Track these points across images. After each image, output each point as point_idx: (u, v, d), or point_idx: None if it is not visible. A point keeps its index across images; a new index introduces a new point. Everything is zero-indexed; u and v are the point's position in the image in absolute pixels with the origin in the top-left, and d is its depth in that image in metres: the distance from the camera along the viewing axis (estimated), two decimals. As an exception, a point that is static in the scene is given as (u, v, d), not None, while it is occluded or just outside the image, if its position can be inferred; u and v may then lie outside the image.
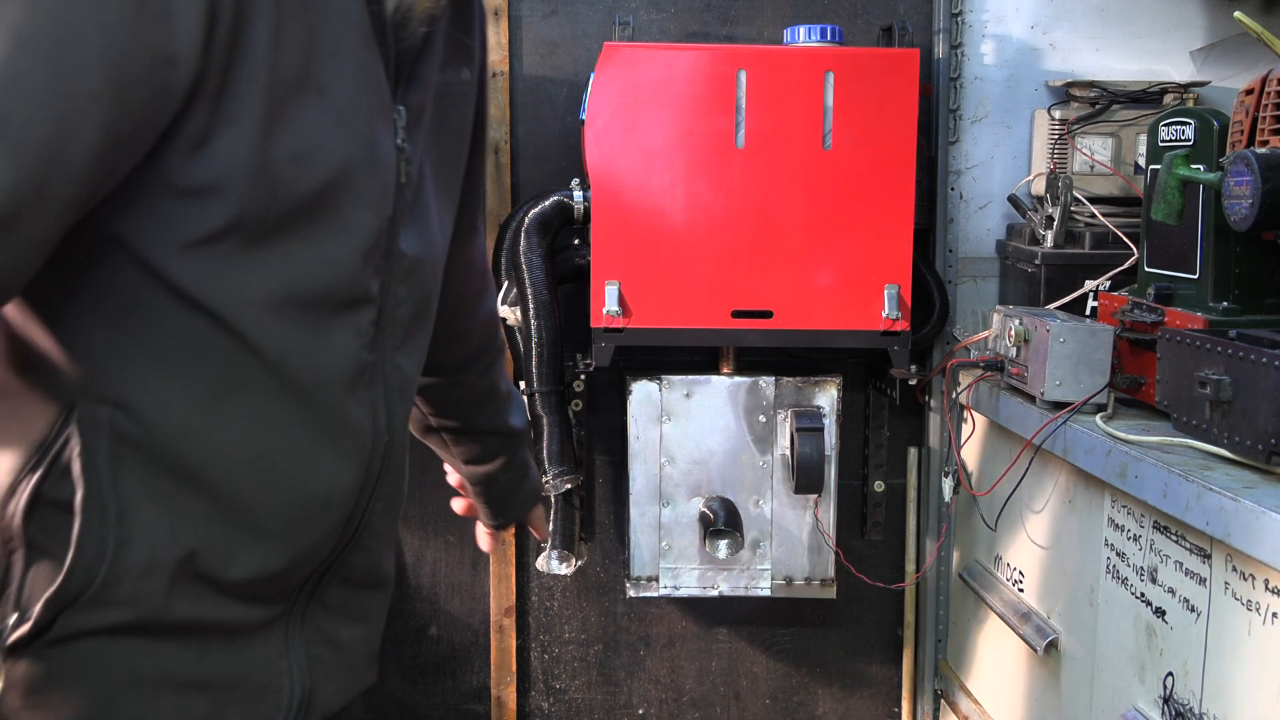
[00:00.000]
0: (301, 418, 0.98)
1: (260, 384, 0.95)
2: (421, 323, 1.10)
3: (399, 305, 1.04)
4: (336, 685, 1.11)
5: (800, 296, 2.10)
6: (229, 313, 0.91)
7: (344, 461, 1.02)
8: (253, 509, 0.97)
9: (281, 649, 1.05)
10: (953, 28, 2.34)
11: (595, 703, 2.54)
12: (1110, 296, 1.93)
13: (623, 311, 2.08)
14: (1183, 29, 2.36)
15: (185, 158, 0.85)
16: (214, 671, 1.00)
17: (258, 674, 1.03)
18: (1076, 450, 1.73)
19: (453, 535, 2.45)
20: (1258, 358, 1.39)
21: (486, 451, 1.45)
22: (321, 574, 1.06)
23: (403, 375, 1.07)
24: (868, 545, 2.49)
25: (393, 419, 1.06)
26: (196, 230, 0.88)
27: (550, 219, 2.18)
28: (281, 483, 0.98)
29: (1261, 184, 1.49)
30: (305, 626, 1.07)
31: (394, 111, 0.99)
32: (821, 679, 2.56)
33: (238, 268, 0.90)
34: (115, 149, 0.81)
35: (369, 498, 1.06)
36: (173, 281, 0.89)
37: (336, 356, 0.98)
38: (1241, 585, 1.35)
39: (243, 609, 1.00)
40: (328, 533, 1.03)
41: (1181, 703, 1.47)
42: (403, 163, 1.00)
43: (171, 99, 0.82)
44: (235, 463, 0.95)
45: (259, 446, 0.96)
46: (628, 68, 2.06)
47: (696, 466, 2.21)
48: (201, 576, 0.96)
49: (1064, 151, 2.24)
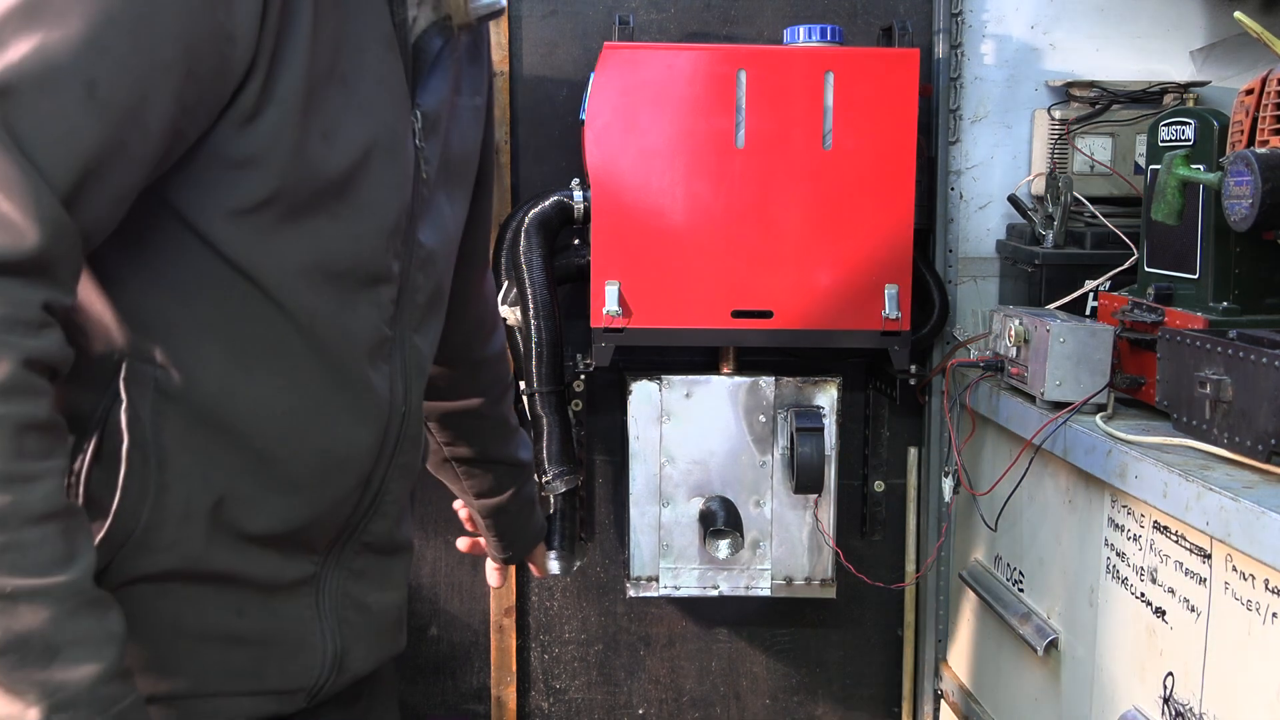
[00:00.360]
0: (327, 381, 1.07)
1: (292, 348, 1.04)
2: (435, 310, 1.20)
3: (417, 290, 1.14)
4: (366, 648, 1.19)
5: (800, 296, 2.10)
6: (268, 279, 1.01)
7: (363, 425, 1.11)
8: (280, 462, 1.06)
9: (314, 611, 1.13)
10: (953, 28, 2.34)
11: (595, 703, 2.54)
12: (1110, 296, 1.93)
13: (623, 311, 2.08)
14: (1183, 29, 2.36)
15: (236, 131, 0.96)
16: (253, 627, 1.08)
17: (293, 632, 1.11)
18: (1076, 450, 1.73)
19: (453, 535, 2.44)
20: (1258, 358, 1.39)
21: (498, 483, 1.56)
22: (347, 538, 1.15)
23: (419, 354, 1.17)
24: (868, 545, 2.49)
25: (409, 392, 1.16)
26: (241, 199, 0.98)
27: (550, 219, 2.18)
28: (306, 439, 1.07)
29: (1261, 184, 1.49)
30: (335, 591, 1.15)
31: (412, 113, 1.10)
32: (821, 679, 2.56)
33: (277, 237, 1.00)
34: (185, 116, 0.92)
35: (387, 463, 1.15)
36: (220, 247, 0.99)
37: (360, 327, 1.08)
38: (1241, 585, 1.35)
39: (275, 564, 1.08)
40: (348, 490, 1.12)
41: (1181, 703, 1.47)
42: (421, 160, 1.11)
43: (232, 75, 0.94)
44: (266, 419, 1.04)
45: (288, 405, 1.05)
46: (628, 68, 2.06)
47: (696, 466, 2.21)
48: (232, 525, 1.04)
49: (1064, 151, 2.24)
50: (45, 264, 0.87)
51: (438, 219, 1.17)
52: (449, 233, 1.21)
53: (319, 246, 1.03)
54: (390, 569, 1.22)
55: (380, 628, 1.21)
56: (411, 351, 1.16)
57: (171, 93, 0.90)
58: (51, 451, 0.89)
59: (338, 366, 1.08)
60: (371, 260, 1.08)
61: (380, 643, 1.22)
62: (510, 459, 1.56)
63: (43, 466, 0.87)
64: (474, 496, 1.58)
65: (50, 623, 0.86)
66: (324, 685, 1.15)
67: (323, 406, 1.07)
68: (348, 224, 1.05)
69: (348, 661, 1.17)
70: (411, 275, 1.13)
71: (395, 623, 1.25)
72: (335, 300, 1.06)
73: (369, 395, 1.11)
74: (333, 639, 1.15)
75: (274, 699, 1.11)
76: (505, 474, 1.56)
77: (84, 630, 0.88)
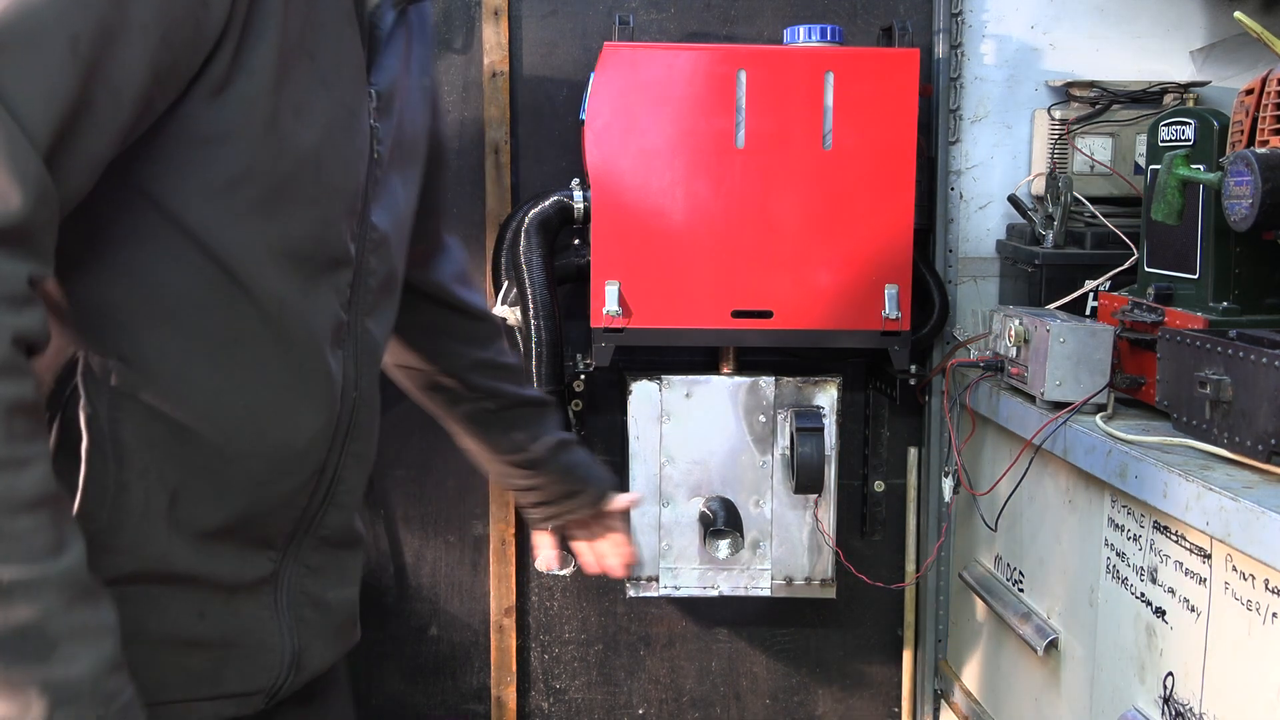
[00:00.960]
0: (289, 371, 1.04)
1: (257, 337, 1.01)
2: (388, 294, 1.18)
3: (370, 274, 1.11)
4: (324, 645, 1.16)
5: (800, 296, 2.10)
6: (238, 263, 0.98)
7: (319, 414, 1.08)
8: (239, 457, 1.03)
9: (272, 610, 1.10)
10: (953, 28, 2.34)
11: (595, 703, 2.54)
12: (1110, 296, 1.93)
13: (623, 311, 2.08)
14: (1183, 29, 2.36)
15: (204, 104, 0.93)
16: (213, 629, 1.05)
17: (253, 633, 1.09)
18: (1076, 450, 1.73)
19: (453, 535, 2.46)
20: (1258, 358, 1.39)
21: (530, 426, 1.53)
22: (304, 533, 1.12)
23: (372, 340, 1.15)
24: (868, 545, 2.49)
25: (360, 377, 1.13)
26: (213, 177, 0.95)
27: (550, 219, 2.18)
28: (266, 433, 1.04)
29: (1261, 184, 1.49)
30: (292, 589, 1.12)
31: (368, 91, 1.07)
32: (821, 679, 2.56)
33: (249, 219, 0.98)
34: (156, 84, 0.89)
35: (340, 451, 1.12)
36: (191, 229, 0.96)
37: (321, 313, 1.06)
38: (1241, 585, 1.35)
39: (234, 562, 1.06)
40: (303, 481, 1.09)
41: (1181, 703, 1.47)
42: (374, 140, 1.09)
43: (204, 41, 0.91)
44: (227, 413, 1.01)
45: (249, 398, 1.02)
46: (628, 68, 2.06)
47: (696, 466, 2.21)
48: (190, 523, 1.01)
49: (1064, 151, 2.24)
50: (29, 232, 0.83)
51: (390, 201, 1.14)
52: (401, 215, 1.18)
53: (288, 229, 1.00)
54: (345, 563, 1.20)
55: (337, 624, 1.19)
56: (364, 337, 1.13)
57: (146, 56, 0.87)
58: (36, 433, 0.85)
59: (300, 355, 1.05)
60: (333, 243, 1.05)
61: (337, 639, 1.20)
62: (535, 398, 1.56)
63: (31, 450, 0.84)
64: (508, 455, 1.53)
65: (47, 615, 0.83)
66: (282, 686, 1.13)
67: (283, 398, 1.05)
68: (315, 205, 1.02)
69: (305, 660, 1.14)
70: (366, 259, 1.10)
71: (351, 619, 1.23)
72: (300, 287, 1.03)
73: (327, 384, 1.08)
74: (291, 638, 1.12)
75: (232, 702, 1.08)
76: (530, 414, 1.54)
77: (81, 622, 0.85)
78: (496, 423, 1.51)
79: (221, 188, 0.96)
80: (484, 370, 1.50)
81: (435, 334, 1.46)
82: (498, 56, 2.32)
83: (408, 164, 1.20)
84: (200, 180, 0.95)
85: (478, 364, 1.49)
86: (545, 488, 1.56)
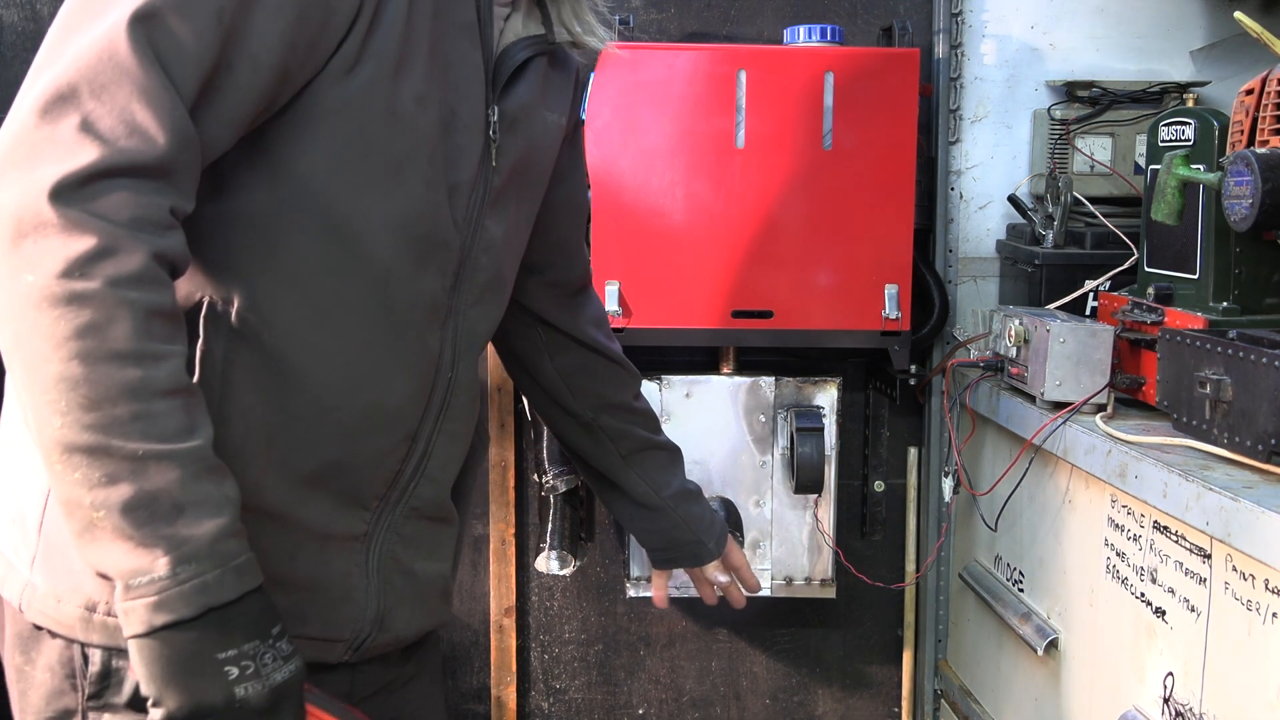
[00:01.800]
0: (390, 338, 1.15)
1: (365, 303, 1.12)
2: (494, 293, 1.28)
3: (478, 270, 1.23)
4: (410, 612, 1.24)
5: (800, 296, 2.10)
6: (354, 229, 1.10)
7: (414, 383, 1.18)
8: (335, 410, 1.13)
9: (363, 569, 1.19)
10: (953, 28, 2.34)
11: (595, 703, 2.54)
12: (1110, 296, 1.93)
13: (623, 311, 2.09)
14: (1183, 29, 2.36)
15: (336, 81, 1.05)
16: (302, 572, 1.14)
17: (340, 583, 1.17)
18: (1076, 450, 1.73)
19: (453, 535, 2.45)
20: (1258, 358, 1.39)
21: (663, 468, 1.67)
22: (397, 500, 1.21)
23: (473, 329, 1.25)
24: (868, 545, 2.49)
25: (458, 361, 1.23)
26: (338, 148, 1.07)
27: (550, 219, 2.18)
28: (362, 391, 1.14)
29: (1261, 184, 1.49)
30: (383, 552, 1.21)
31: (490, 106, 1.20)
32: (821, 679, 2.56)
33: (369, 190, 1.09)
34: (292, 56, 1.01)
35: (433, 424, 1.22)
36: (315, 193, 1.07)
37: (425, 290, 1.17)
38: (1241, 585, 1.35)
39: (326, 513, 1.15)
40: (394, 443, 1.18)
41: (1181, 703, 1.47)
42: (494, 150, 1.21)
43: (337, 25, 1.04)
44: (329, 369, 1.12)
45: (351, 357, 1.13)
46: (628, 68, 2.06)
47: (696, 466, 2.20)
48: (284, 464, 1.11)
49: (1064, 151, 2.24)
50: (172, 169, 0.95)
51: (504, 211, 1.25)
52: (512, 228, 1.29)
53: (403, 205, 1.12)
54: (438, 539, 1.27)
55: (424, 595, 1.26)
56: (465, 324, 1.23)
57: (281, 30, 1.00)
58: (174, 337, 0.97)
59: (401, 325, 1.15)
60: (442, 227, 1.16)
61: (425, 609, 1.27)
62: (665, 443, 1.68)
63: (168, 348, 0.95)
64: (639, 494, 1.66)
65: (177, 483, 0.93)
66: (365, 640, 1.20)
67: (382, 362, 1.14)
68: (428, 188, 1.13)
69: (389, 621, 1.22)
70: (474, 254, 1.21)
71: (441, 593, 1.30)
72: (408, 261, 1.14)
73: (423, 356, 1.18)
74: (378, 597, 1.20)
75: (313, 645, 1.16)
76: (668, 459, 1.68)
77: (205, 492, 0.95)
78: (625, 465, 1.64)
79: (345, 158, 1.07)
80: (618, 413, 1.62)
81: (573, 373, 1.58)
82: (498, 56, 2.31)
83: (527, 186, 1.32)
84: (326, 149, 1.06)
85: (612, 406, 1.61)
86: (664, 533, 1.69)
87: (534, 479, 2.31)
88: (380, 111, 1.08)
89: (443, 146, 1.15)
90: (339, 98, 1.06)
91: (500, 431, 2.38)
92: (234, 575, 0.95)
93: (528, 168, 1.30)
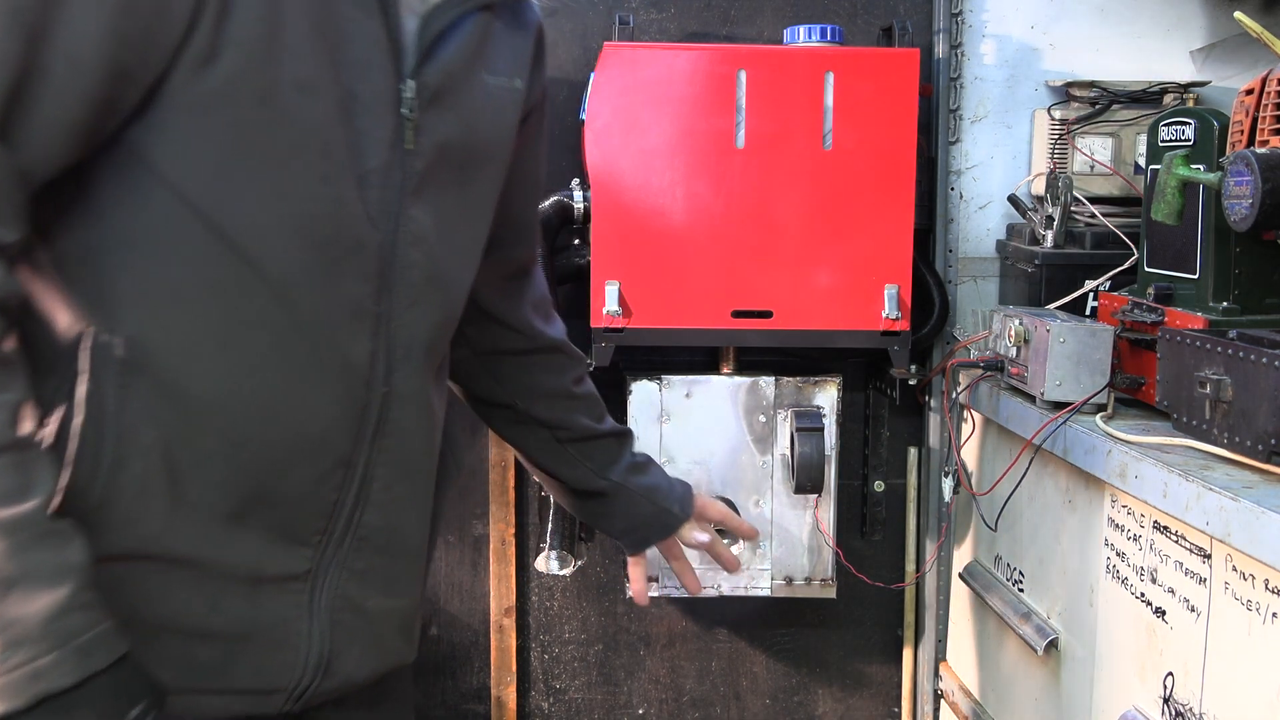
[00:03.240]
0: (303, 356, 1.02)
1: (268, 319, 1.00)
2: (435, 292, 1.13)
3: (409, 268, 1.08)
4: (362, 653, 1.13)
5: (800, 296, 2.10)
6: (244, 238, 0.97)
7: (338, 404, 1.06)
8: (249, 440, 1.01)
9: (304, 609, 1.08)
10: (953, 28, 2.33)
11: (595, 703, 2.54)
12: (1110, 296, 1.93)
13: (623, 311, 2.08)
14: (1183, 29, 2.36)
15: (194, 74, 0.93)
16: (226, 622, 1.03)
17: (273, 629, 1.06)
18: (1076, 450, 1.73)
19: (452, 535, 2.46)
20: (1258, 358, 1.39)
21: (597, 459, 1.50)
22: (343, 533, 1.09)
23: (410, 335, 1.11)
24: (868, 545, 2.49)
25: (393, 372, 1.09)
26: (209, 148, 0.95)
27: (550, 219, 2.18)
28: (279, 417, 1.02)
29: (1261, 184, 1.49)
30: (330, 590, 1.09)
31: (401, 80, 1.05)
32: (821, 679, 2.56)
33: (252, 192, 0.97)
34: (127, 51, 0.90)
35: (369, 447, 1.09)
36: (192, 200, 0.95)
37: (340, 299, 1.04)
38: (1241, 585, 1.35)
39: (253, 552, 1.03)
40: (323, 472, 1.06)
41: (1181, 703, 1.47)
42: (410, 131, 1.06)
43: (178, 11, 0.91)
44: (236, 395, 1.00)
45: (260, 381, 1.01)
46: (628, 68, 2.06)
47: (696, 466, 2.20)
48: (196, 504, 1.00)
49: (1064, 151, 2.24)
50: None
51: (435, 199, 1.11)
52: (452, 216, 1.14)
53: (302, 207, 0.99)
54: (395, 572, 1.16)
55: (378, 634, 1.15)
56: (400, 330, 1.10)
57: (103, 23, 0.88)
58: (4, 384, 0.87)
59: (315, 340, 1.03)
60: (349, 226, 1.03)
61: (379, 650, 1.16)
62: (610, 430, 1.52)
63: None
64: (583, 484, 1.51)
65: (3, 555, 0.83)
66: (307, 688, 1.10)
67: (297, 384, 1.03)
68: (331, 184, 1.01)
69: (337, 665, 1.11)
70: (401, 250, 1.08)
71: (398, 630, 1.18)
72: (316, 268, 1.01)
73: (347, 372, 1.06)
74: (320, 640, 1.09)
75: (244, 699, 1.06)
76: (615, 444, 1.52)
77: (38, 562, 0.85)
78: (565, 454, 1.49)
79: (220, 161, 0.96)
80: (554, 401, 1.47)
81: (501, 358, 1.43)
82: (498, 56, 2.31)
83: (471, 164, 1.16)
84: (198, 152, 0.95)
85: (548, 393, 1.46)
86: (624, 514, 1.54)
87: (534, 479, 2.31)
88: (253, 104, 0.95)
89: (342, 134, 1.01)
90: (201, 94, 0.94)
91: (500, 431, 2.38)
92: (75, 656, 0.85)
93: (467, 144, 1.14)
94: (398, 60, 1.05)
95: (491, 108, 1.17)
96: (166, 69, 0.92)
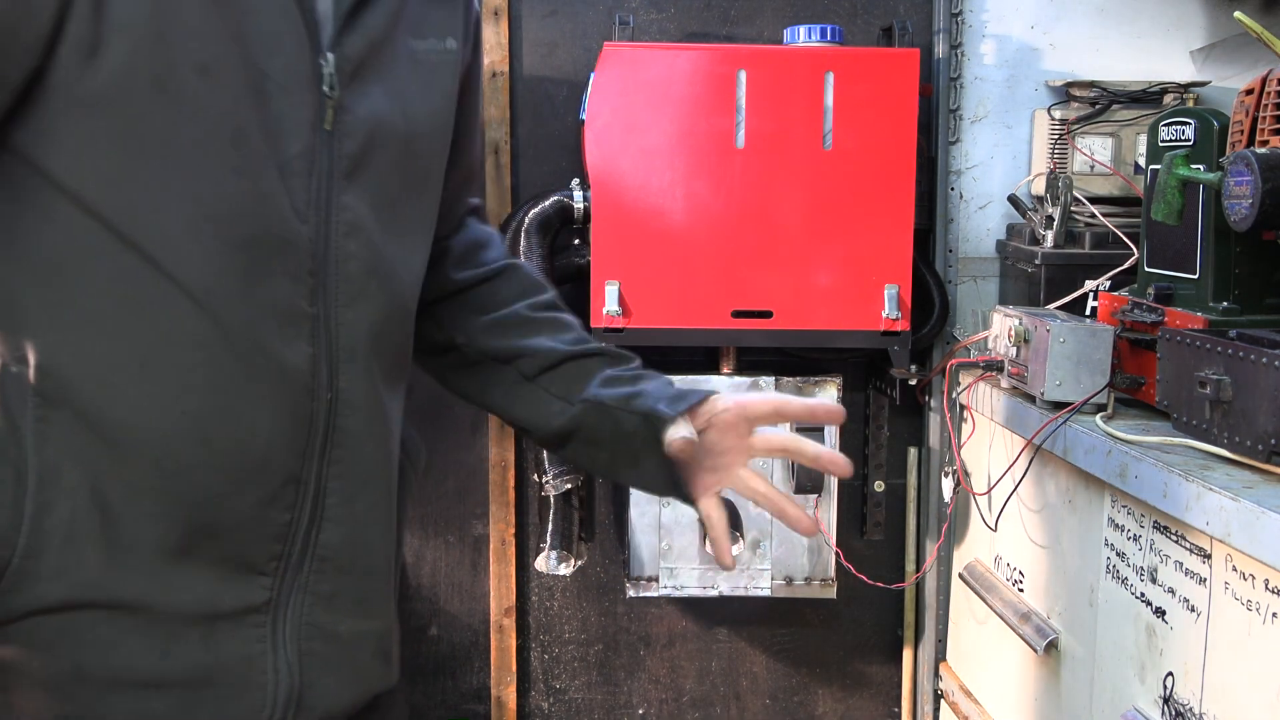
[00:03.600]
0: (232, 369, 0.93)
1: (190, 332, 0.91)
2: (377, 284, 1.02)
3: (346, 260, 0.98)
4: (337, 682, 1.04)
5: (800, 296, 2.10)
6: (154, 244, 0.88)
7: (280, 416, 0.96)
8: (185, 469, 0.92)
9: (266, 643, 0.99)
10: (953, 28, 2.34)
11: (595, 703, 2.54)
12: (1110, 296, 1.93)
13: (623, 311, 2.08)
14: (1183, 29, 2.36)
15: (79, 67, 0.84)
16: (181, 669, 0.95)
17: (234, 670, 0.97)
18: (1076, 450, 1.73)
19: (453, 535, 2.46)
20: (1258, 358, 1.39)
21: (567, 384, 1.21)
22: (300, 555, 1.00)
23: (352, 334, 1.00)
24: (868, 545, 2.49)
25: (337, 377, 0.99)
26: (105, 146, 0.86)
27: (550, 219, 2.18)
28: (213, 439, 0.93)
29: (1261, 184, 1.49)
30: (297, 619, 1.01)
31: (320, 54, 0.95)
32: (821, 679, 2.56)
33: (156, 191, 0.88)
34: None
35: (319, 460, 1.00)
36: (92, 206, 0.87)
37: (270, 302, 0.94)
38: (1241, 585, 1.35)
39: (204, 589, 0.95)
40: (271, 492, 0.97)
41: (1181, 703, 1.47)
42: (331, 109, 0.96)
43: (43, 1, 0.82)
44: (165, 420, 0.91)
45: (190, 403, 0.92)
46: (628, 68, 2.06)
47: (696, 466, 2.20)
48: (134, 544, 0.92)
49: (1064, 151, 2.24)
50: None
51: (370, 182, 1.00)
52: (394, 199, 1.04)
53: (214, 206, 0.90)
54: (366, 591, 1.06)
55: (353, 659, 1.06)
56: (341, 330, 0.99)
57: None
58: None
59: (245, 351, 0.93)
60: (273, 221, 0.93)
61: (356, 676, 1.06)
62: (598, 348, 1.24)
63: None
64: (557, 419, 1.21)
65: None
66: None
67: (232, 400, 0.93)
68: (241, 177, 0.91)
69: (311, 698, 1.02)
70: (335, 242, 0.97)
71: (375, 653, 1.09)
72: (238, 272, 0.91)
73: (285, 381, 0.96)
74: (289, 674, 1.00)
75: None
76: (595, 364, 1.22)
77: None
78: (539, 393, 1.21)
79: (116, 160, 0.86)
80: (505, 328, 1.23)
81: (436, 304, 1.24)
82: (498, 56, 2.32)
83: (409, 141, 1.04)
84: (92, 154, 0.86)
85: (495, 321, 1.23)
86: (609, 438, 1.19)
87: (534, 479, 2.31)
88: (146, 93, 0.85)
89: (256, 120, 0.90)
90: (89, 89, 0.84)
91: (500, 431, 2.38)
92: None
93: (401, 119, 1.02)
94: (313, 32, 0.94)
95: (423, 76, 1.06)
96: (41, 65, 0.83)
